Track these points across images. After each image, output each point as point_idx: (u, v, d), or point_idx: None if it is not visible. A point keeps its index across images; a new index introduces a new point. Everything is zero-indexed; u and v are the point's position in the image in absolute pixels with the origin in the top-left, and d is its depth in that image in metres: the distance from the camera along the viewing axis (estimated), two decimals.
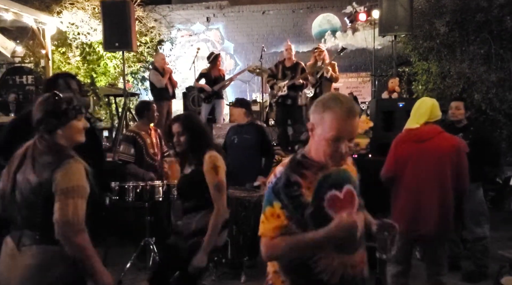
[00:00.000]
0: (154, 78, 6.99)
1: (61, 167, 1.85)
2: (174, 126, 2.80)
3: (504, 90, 7.23)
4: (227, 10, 11.23)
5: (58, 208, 1.82)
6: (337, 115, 1.59)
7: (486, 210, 4.24)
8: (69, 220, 1.82)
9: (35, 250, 1.87)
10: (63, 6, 8.58)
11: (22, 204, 1.89)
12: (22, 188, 1.88)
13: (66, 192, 1.83)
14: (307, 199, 1.62)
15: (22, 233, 1.90)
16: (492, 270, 4.05)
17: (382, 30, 6.40)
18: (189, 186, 2.79)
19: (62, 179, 1.83)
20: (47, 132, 1.93)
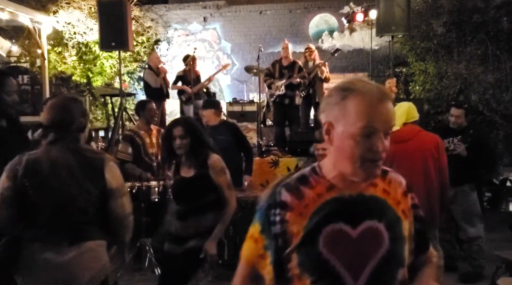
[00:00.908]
0: (149, 78, 6.97)
1: (108, 166, 2.01)
2: (175, 129, 2.82)
3: (501, 91, 7.24)
4: (224, 10, 11.20)
5: (120, 204, 2.04)
6: (365, 97, 1.13)
7: (480, 211, 4.26)
8: (130, 212, 2.10)
9: (95, 244, 1.99)
10: (59, 5, 8.53)
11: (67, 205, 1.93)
12: (68, 190, 1.92)
13: (121, 189, 2.07)
14: (292, 229, 1.17)
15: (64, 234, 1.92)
16: (488, 271, 4.05)
17: (379, 31, 6.40)
18: (193, 190, 2.82)
19: (113, 177, 2.01)
20: (78, 132, 2.01)
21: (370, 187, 1.21)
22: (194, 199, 2.81)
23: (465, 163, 4.01)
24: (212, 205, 2.83)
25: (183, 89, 7.11)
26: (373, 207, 1.20)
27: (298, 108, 6.50)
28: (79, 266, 1.91)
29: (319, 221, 1.16)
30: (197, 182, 2.81)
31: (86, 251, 1.94)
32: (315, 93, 6.51)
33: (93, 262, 1.96)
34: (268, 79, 6.45)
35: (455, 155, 4.07)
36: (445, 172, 3.30)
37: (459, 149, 4.05)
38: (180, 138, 2.80)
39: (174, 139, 2.81)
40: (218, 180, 2.83)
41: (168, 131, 2.90)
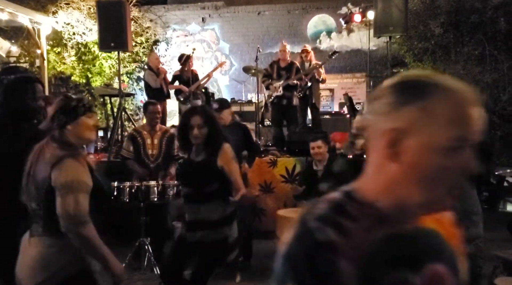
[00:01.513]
0: (149, 79, 6.98)
1: (59, 163, 1.94)
2: (194, 118, 2.78)
3: (498, 91, 7.29)
4: (222, 10, 11.23)
5: (59, 202, 1.90)
6: (457, 98, 0.83)
7: (480, 210, 4.26)
8: (70, 214, 1.89)
9: (39, 241, 1.97)
10: (59, 6, 8.56)
11: (31, 198, 2.00)
12: (32, 182, 1.99)
13: (65, 187, 1.91)
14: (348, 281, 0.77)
15: (33, 225, 2.02)
16: (486, 271, 4.07)
17: (377, 31, 6.42)
18: (198, 174, 2.83)
19: (59, 175, 1.93)
20: (58, 129, 2.01)
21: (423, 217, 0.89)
22: (197, 183, 2.82)
23: None
24: (215, 195, 2.80)
25: (179, 88, 7.11)
26: (434, 244, 0.89)
27: (296, 108, 6.52)
28: (30, 260, 1.97)
29: (376, 270, 0.79)
30: (203, 167, 2.81)
31: (36, 246, 1.96)
32: (311, 94, 6.53)
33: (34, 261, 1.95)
34: (266, 80, 6.48)
35: None
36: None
37: None
38: (198, 127, 2.77)
39: (192, 128, 2.78)
40: (229, 168, 2.80)
41: (185, 120, 2.87)
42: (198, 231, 2.79)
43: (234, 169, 2.85)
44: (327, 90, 10.14)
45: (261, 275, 4.33)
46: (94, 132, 2.14)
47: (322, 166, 4.28)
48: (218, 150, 2.81)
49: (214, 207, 2.79)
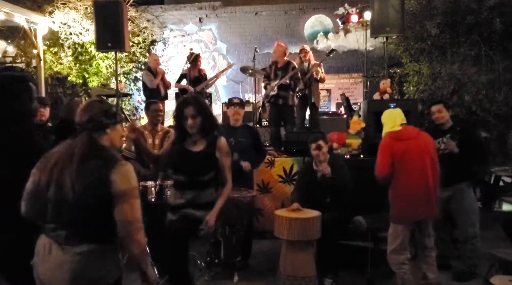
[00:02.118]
0: (146, 79, 6.98)
1: (117, 168, 1.92)
2: (187, 109, 2.94)
3: (494, 91, 7.33)
4: (219, 10, 11.24)
5: (121, 208, 1.90)
6: None
7: (477, 209, 4.30)
8: (133, 220, 1.93)
9: (83, 248, 1.90)
10: (55, 6, 8.53)
11: (67, 204, 1.90)
12: (69, 188, 1.89)
13: (127, 193, 1.92)
14: None
15: (68, 232, 1.92)
16: (482, 270, 4.10)
17: (373, 32, 6.45)
18: (197, 164, 2.99)
19: (120, 181, 1.91)
20: (96, 131, 2.00)
21: None
22: (196, 173, 2.97)
23: (459, 162, 4.06)
24: (211, 182, 3.03)
25: (185, 88, 7.11)
26: None
27: (292, 108, 6.53)
28: (73, 267, 1.89)
29: None
30: (203, 158, 2.98)
31: (82, 253, 1.89)
32: (311, 93, 6.54)
33: (89, 267, 1.90)
34: (265, 81, 6.52)
35: (447, 154, 4.11)
36: (438, 169, 3.54)
37: (451, 147, 4.10)
38: (192, 117, 2.93)
39: (186, 119, 2.93)
40: (223, 161, 3.02)
41: (179, 111, 3.00)
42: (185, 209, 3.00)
43: (227, 163, 3.07)
44: (324, 90, 10.16)
45: (259, 275, 4.35)
46: (122, 142, 2.21)
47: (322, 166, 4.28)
48: (215, 142, 3.00)
49: (207, 192, 3.03)
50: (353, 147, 5.36)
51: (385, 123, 3.67)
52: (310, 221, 3.74)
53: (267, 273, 4.33)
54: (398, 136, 3.54)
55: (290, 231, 3.70)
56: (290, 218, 3.73)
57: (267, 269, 4.43)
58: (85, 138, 1.98)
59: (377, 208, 4.28)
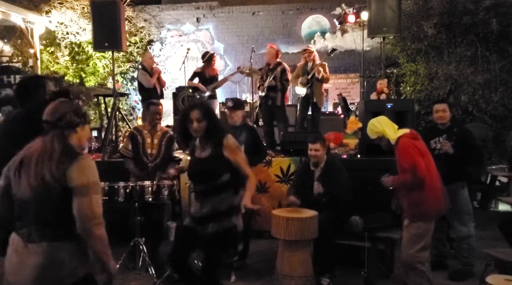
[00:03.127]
0: (142, 78, 6.98)
1: (75, 163, 1.92)
2: (193, 112, 2.90)
3: (490, 91, 7.36)
4: (217, 10, 11.24)
5: (81, 203, 1.89)
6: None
7: (471, 209, 4.31)
8: (90, 215, 1.90)
9: (46, 247, 1.90)
10: (52, 5, 8.51)
11: (32, 201, 1.92)
12: (34, 185, 1.91)
13: (84, 188, 1.90)
14: None
15: (31, 230, 1.92)
16: (477, 269, 4.12)
17: (370, 32, 6.46)
18: (208, 170, 2.93)
19: (78, 176, 1.90)
20: (67, 129, 2.00)
21: None
22: (209, 179, 2.92)
23: (454, 162, 4.08)
24: (227, 186, 2.93)
25: (198, 86, 7.12)
26: None
27: (282, 107, 6.57)
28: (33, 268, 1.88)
29: None
30: (212, 162, 2.92)
31: (45, 251, 1.89)
32: (312, 93, 6.56)
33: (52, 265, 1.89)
34: (260, 81, 6.60)
35: (443, 154, 4.13)
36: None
37: (446, 147, 4.11)
38: (197, 121, 2.89)
39: (191, 122, 2.90)
40: (235, 158, 2.92)
41: (185, 114, 2.97)
42: (210, 223, 2.89)
43: (239, 158, 2.95)
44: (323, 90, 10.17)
45: (256, 275, 4.35)
46: (86, 144, 2.17)
47: (319, 167, 4.30)
48: (222, 142, 2.91)
49: (225, 197, 2.91)
50: (350, 147, 5.38)
51: (386, 128, 3.58)
52: (307, 221, 3.75)
53: (264, 273, 4.34)
54: (414, 135, 3.60)
55: (287, 230, 3.71)
56: (287, 217, 3.74)
57: (264, 269, 4.44)
58: (55, 135, 1.98)
59: (373, 208, 4.30)
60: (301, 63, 6.88)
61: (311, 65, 6.60)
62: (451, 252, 4.55)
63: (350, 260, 4.32)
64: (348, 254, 4.31)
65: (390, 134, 3.55)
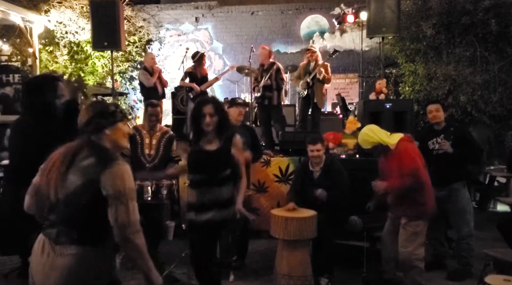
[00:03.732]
0: (143, 78, 6.97)
1: (109, 168, 1.87)
2: (206, 107, 3.03)
3: (489, 92, 7.37)
4: (216, 10, 11.24)
5: (118, 211, 1.86)
6: None
7: (472, 209, 4.32)
8: (130, 222, 1.87)
9: (73, 249, 1.86)
10: (51, 4, 8.51)
11: (61, 203, 1.89)
12: (64, 187, 1.88)
13: (124, 195, 1.87)
14: None
15: (59, 231, 1.89)
16: (476, 269, 4.13)
17: (370, 32, 6.46)
18: (215, 162, 3.06)
19: (112, 182, 1.86)
20: (94, 133, 1.98)
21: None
22: (214, 170, 3.04)
23: (454, 161, 4.08)
24: (228, 179, 3.09)
25: (191, 86, 7.10)
26: None
27: (278, 107, 6.58)
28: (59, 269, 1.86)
29: None
30: (219, 155, 3.06)
31: (72, 255, 1.86)
32: (313, 94, 6.56)
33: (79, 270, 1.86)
34: (255, 82, 6.62)
35: (442, 154, 4.14)
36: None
37: (445, 147, 4.11)
38: (210, 115, 3.01)
39: (204, 116, 3.01)
40: (239, 157, 3.13)
41: (198, 109, 3.07)
42: (209, 211, 3.00)
43: (241, 158, 3.19)
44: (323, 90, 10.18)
45: (255, 274, 4.35)
46: (127, 139, 2.10)
47: (318, 167, 4.29)
48: (231, 138, 3.11)
49: (225, 188, 3.06)
50: (349, 147, 5.37)
51: (381, 136, 3.60)
52: (306, 220, 3.75)
53: (263, 273, 4.34)
54: (410, 139, 3.70)
55: (286, 230, 3.71)
56: (286, 217, 3.74)
57: (263, 269, 4.43)
58: (83, 140, 1.97)
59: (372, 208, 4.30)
60: (303, 63, 6.88)
61: (313, 65, 6.59)
62: (450, 252, 4.55)
63: (349, 260, 4.32)
64: (347, 254, 4.31)
65: (387, 141, 3.57)
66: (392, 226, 3.84)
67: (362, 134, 3.69)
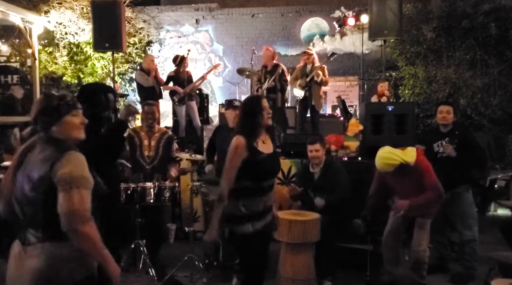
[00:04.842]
0: (140, 79, 6.94)
1: (61, 158, 1.81)
2: (264, 101, 2.88)
3: (488, 95, 7.38)
4: (216, 12, 11.22)
5: (62, 199, 1.76)
6: None
7: (475, 213, 4.31)
8: (75, 211, 1.77)
9: (40, 249, 1.81)
10: (51, 5, 8.46)
11: (23, 202, 1.84)
12: (24, 186, 1.83)
13: (69, 182, 1.78)
14: None
15: (26, 232, 1.86)
16: (479, 272, 4.12)
17: (371, 35, 6.46)
18: (277, 165, 3.00)
19: (63, 170, 1.78)
20: (42, 131, 1.91)
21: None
22: (273, 175, 2.95)
23: (457, 165, 4.08)
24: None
25: (174, 89, 7.06)
26: None
27: (282, 109, 6.58)
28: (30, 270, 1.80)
29: None
30: (277, 158, 3.03)
31: (40, 254, 1.81)
32: (311, 96, 6.56)
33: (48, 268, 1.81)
34: (258, 84, 6.62)
35: (445, 157, 4.13)
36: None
37: (448, 150, 4.11)
38: (268, 110, 2.86)
39: (264, 109, 2.81)
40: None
41: (254, 103, 2.85)
42: (268, 215, 2.91)
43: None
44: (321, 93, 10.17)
45: None
46: (82, 130, 2.00)
47: (319, 168, 4.29)
48: (275, 142, 3.06)
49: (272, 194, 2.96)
50: (351, 150, 5.37)
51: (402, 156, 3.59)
52: (309, 223, 3.73)
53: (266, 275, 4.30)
54: (423, 151, 3.87)
55: (289, 233, 3.70)
56: (290, 220, 3.73)
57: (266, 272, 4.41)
58: (36, 138, 1.93)
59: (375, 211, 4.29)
60: (300, 65, 6.89)
61: (310, 67, 6.60)
62: (453, 255, 4.54)
63: (352, 263, 4.31)
64: (350, 257, 4.30)
65: (408, 159, 3.57)
66: (396, 225, 3.85)
67: (383, 158, 3.62)
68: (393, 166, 3.55)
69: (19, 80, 8.77)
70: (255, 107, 2.81)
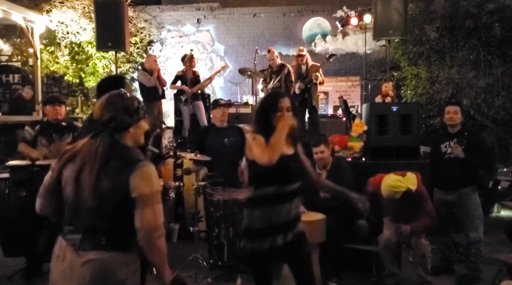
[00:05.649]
0: (142, 78, 6.91)
1: (138, 170, 1.77)
2: (284, 100, 2.50)
3: (492, 95, 7.36)
4: (217, 12, 11.20)
5: (143, 214, 1.76)
6: None
7: (482, 214, 4.29)
8: (156, 226, 1.79)
9: (98, 255, 1.78)
10: (53, 4, 8.44)
11: (82, 207, 1.78)
12: (89, 192, 1.76)
13: (148, 198, 1.77)
14: None
15: (83, 237, 1.80)
16: (484, 274, 4.10)
17: (376, 34, 6.44)
18: (297, 168, 2.56)
19: (140, 184, 1.76)
20: (118, 131, 1.85)
21: None
22: (299, 178, 2.55)
23: (466, 166, 4.06)
24: (298, 192, 2.57)
25: (182, 89, 7.04)
26: None
27: None
28: (82, 276, 1.77)
29: None
30: (299, 160, 2.59)
31: (95, 260, 1.77)
32: (311, 97, 6.55)
33: (101, 275, 1.77)
34: (263, 83, 6.63)
35: (453, 158, 4.11)
36: None
37: (457, 151, 4.09)
38: (287, 110, 2.49)
39: (281, 110, 2.49)
40: (307, 163, 2.65)
41: (271, 101, 2.55)
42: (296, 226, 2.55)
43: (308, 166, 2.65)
44: (322, 93, 10.15)
45: None
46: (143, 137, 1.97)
47: (325, 170, 4.25)
48: (297, 143, 2.61)
49: (296, 204, 2.57)
50: (355, 150, 5.34)
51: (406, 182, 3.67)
52: (315, 224, 3.71)
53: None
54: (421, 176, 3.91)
55: None
56: None
57: None
58: (107, 139, 1.83)
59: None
60: (293, 65, 6.89)
61: (305, 68, 6.64)
62: (457, 257, 4.52)
63: (358, 264, 4.28)
64: (356, 258, 4.27)
65: (411, 186, 3.64)
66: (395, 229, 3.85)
67: (391, 187, 3.66)
68: (400, 193, 3.63)
69: (21, 80, 8.76)
70: (270, 106, 2.54)
